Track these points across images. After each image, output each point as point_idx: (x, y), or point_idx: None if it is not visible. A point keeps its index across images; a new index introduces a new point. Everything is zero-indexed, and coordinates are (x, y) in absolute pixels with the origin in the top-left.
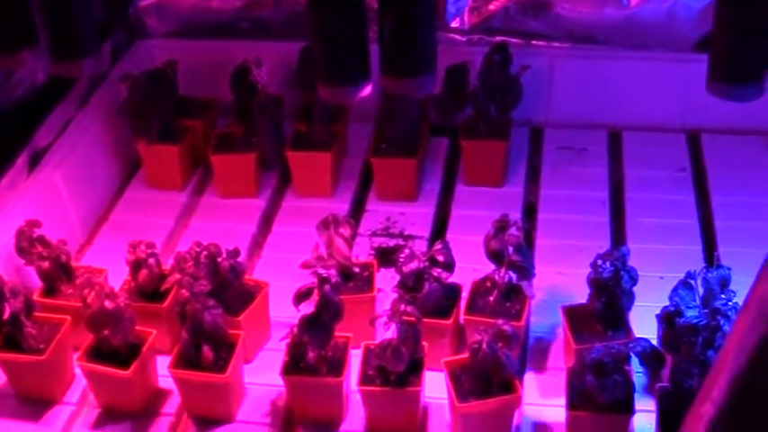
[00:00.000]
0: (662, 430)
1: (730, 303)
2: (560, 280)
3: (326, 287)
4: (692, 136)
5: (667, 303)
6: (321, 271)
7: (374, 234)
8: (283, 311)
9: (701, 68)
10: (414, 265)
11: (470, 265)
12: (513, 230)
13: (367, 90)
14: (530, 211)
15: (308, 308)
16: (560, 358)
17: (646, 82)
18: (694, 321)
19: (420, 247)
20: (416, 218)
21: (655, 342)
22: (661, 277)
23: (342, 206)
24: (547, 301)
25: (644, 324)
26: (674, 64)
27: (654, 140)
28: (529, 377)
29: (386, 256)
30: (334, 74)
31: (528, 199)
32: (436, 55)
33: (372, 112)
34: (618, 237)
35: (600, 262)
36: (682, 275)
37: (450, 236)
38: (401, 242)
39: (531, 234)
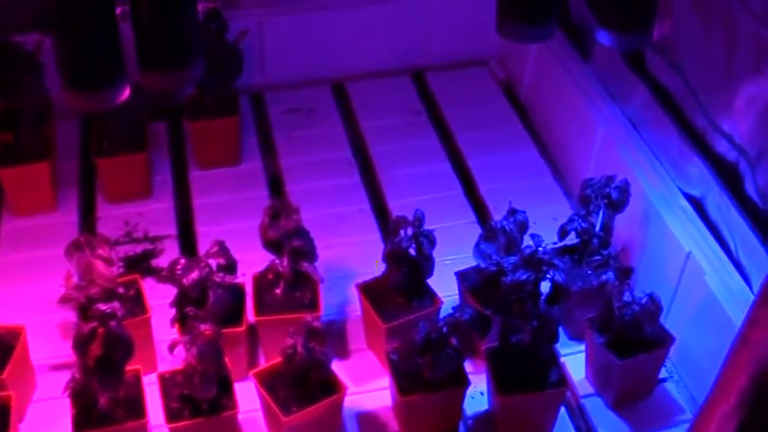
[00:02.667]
0: (497, 388)
1: (541, 248)
2: (332, 253)
3: (113, 323)
4: (416, 76)
5: (450, 257)
6: (104, 307)
7: (117, 243)
8: (36, 354)
9: (414, 6)
10: (195, 275)
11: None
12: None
13: (126, 92)
14: (276, 186)
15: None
16: (360, 339)
17: (359, 29)
18: (524, 278)
19: (171, 247)
20: (157, 215)
21: (456, 301)
22: (432, 229)
23: (69, 218)
24: (327, 278)
25: (431, 281)
26: (385, 6)
27: (380, 87)
28: (335, 365)
29: (138, 266)
30: (89, 79)
31: (269, 173)
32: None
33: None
34: (375, 196)
35: (392, 234)
36: (455, 224)
37: (199, 228)
38: (149, 246)
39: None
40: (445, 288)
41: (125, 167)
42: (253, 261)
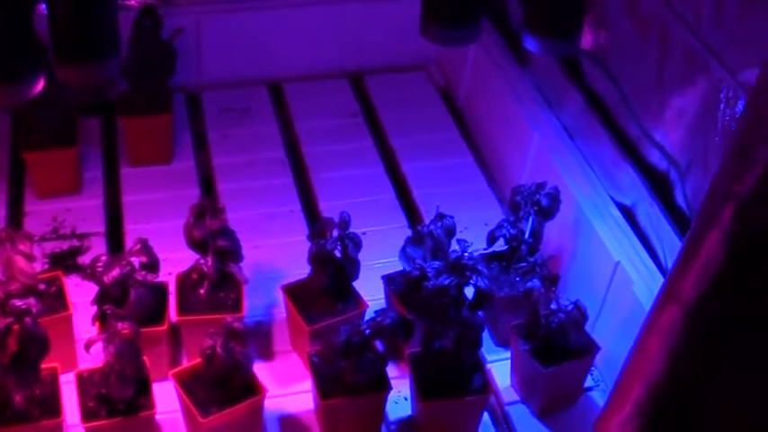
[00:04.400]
0: (419, 393)
1: (466, 254)
2: (260, 254)
3: (28, 320)
4: (354, 79)
5: (380, 260)
6: (19, 303)
7: (43, 239)
8: None
9: (353, 9)
10: (115, 272)
11: (160, 255)
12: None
13: (40, 85)
14: (207, 185)
15: None
16: (285, 341)
17: (298, 30)
18: (446, 283)
19: (98, 244)
20: (86, 212)
21: (383, 305)
22: (363, 233)
23: None
24: (253, 279)
25: (360, 284)
26: (324, 8)
27: (317, 89)
28: (258, 366)
29: (63, 262)
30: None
31: (201, 172)
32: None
33: None
34: (307, 197)
35: (318, 236)
36: (386, 228)
37: (128, 226)
38: (76, 243)
39: None
40: (373, 291)
41: (54, 162)
42: (181, 260)
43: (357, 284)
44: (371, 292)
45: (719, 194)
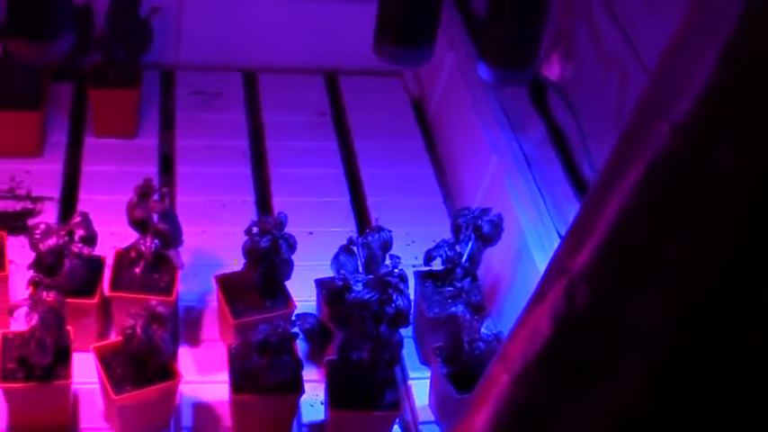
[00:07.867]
0: (332, 402)
1: (396, 271)
2: (205, 240)
3: None
4: (329, 77)
5: (321, 262)
6: None
7: None
8: None
9: (335, 9)
10: (52, 241)
11: (107, 228)
12: (156, 197)
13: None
14: (166, 164)
15: None
16: (214, 330)
17: (279, 21)
18: (366, 297)
19: (51, 210)
20: (44, 176)
21: (314, 307)
22: (311, 233)
23: None
24: (194, 265)
25: (297, 284)
26: (309, 3)
27: (291, 83)
28: (183, 352)
29: (12, 223)
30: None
31: (163, 150)
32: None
33: None
34: (262, 189)
35: (255, 230)
36: (334, 230)
37: (82, 195)
38: (29, 205)
39: (171, 191)
40: (309, 292)
41: (16, 124)
42: (128, 235)
43: (293, 283)
44: (307, 292)
45: (555, 269)
